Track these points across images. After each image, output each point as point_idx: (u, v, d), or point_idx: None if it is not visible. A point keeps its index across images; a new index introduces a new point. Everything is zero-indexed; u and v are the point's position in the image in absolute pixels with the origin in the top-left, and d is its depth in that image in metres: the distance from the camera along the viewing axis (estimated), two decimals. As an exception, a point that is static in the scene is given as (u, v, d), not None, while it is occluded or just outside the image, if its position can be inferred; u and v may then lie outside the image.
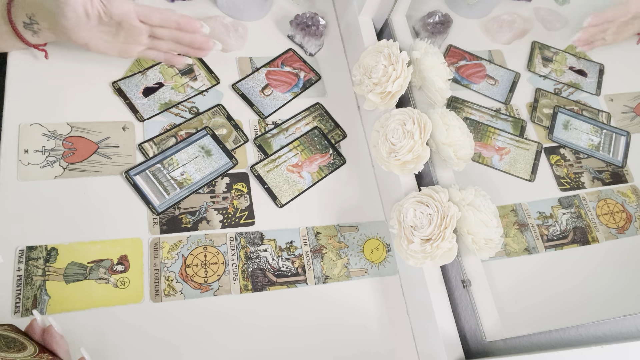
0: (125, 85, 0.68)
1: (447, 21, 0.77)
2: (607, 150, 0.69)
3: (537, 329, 0.50)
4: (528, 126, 0.72)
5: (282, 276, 0.62)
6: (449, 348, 0.56)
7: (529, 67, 0.77)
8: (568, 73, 0.77)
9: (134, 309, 0.56)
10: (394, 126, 0.62)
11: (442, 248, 0.54)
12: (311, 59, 0.80)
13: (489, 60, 0.78)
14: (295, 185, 0.68)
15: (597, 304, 0.56)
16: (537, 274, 0.62)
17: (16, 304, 0.53)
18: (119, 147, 0.64)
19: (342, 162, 0.72)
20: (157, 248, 0.59)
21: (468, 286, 0.58)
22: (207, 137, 0.68)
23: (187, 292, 0.58)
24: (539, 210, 0.65)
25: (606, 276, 0.60)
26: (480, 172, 0.68)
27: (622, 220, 0.64)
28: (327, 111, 0.76)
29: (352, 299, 0.63)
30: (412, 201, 0.58)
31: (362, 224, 0.69)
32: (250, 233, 0.64)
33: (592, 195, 0.66)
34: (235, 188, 0.66)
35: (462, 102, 0.73)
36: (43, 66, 0.66)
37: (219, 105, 0.71)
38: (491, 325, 0.56)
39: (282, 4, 0.85)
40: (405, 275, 0.65)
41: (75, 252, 0.57)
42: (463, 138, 0.60)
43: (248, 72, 0.75)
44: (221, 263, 0.61)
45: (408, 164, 0.61)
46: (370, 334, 0.62)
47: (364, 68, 0.68)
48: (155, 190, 0.62)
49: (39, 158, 0.60)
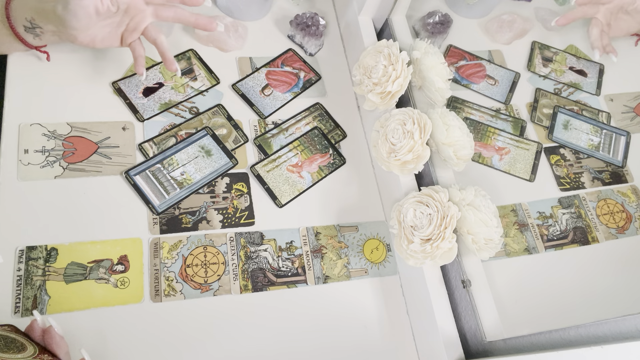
0: (125, 85, 0.68)
1: (447, 21, 0.77)
2: (607, 150, 0.69)
3: (537, 329, 0.50)
4: (528, 126, 0.72)
5: (282, 276, 0.62)
6: (449, 348, 0.56)
7: (529, 67, 0.77)
8: (568, 73, 0.77)
9: (134, 309, 0.56)
10: (394, 126, 0.62)
11: (442, 248, 0.54)
12: (311, 59, 0.80)
13: (489, 60, 0.78)
14: (295, 185, 0.68)
15: (597, 304, 0.56)
16: (537, 274, 0.62)
17: (16, 304, 0.53)
18: (119, 147, 0.64)
19: (342, 162, 0.72)
20: (157, 248, 0.59)
21: (468, 286, 0.58)
22: (207, 137, 0.68)
23: (187, 292, 0.58)
24: (539, 210, 0.65)
25: (606, 276, 0.60)
26: (480, 172, 0.68)
27: (622, 220, 0.64)
28: (327, 111, 0.76)
29: (352, 299, 0.63)
30: (412, 201, 0.58)
31: (362, 224, 0.69)
32: (250, 233, 0.64)
33: (592, 195, 0.66)
34: (235, 188, 0.66)
35: (462, 102, 0.73)
36: (43, 66, 0.66)
37: (219, 105, 0.71)
38: (491, 325, 0.56)
39: (282, 4, 0.85)
40: (405, 275, 0.65)
41: (75, 252, 0.57)
42: (463, 138, 0.60)
43: (248, 72, 0.75)
44: (221, 263, 0.61)
45: (408, 164, 0.61)
46: (370, 334, 0.62)
47: (364, 68, 0.68)
48: (155, 190, 0.62)
49: (39, 158, 0.60)
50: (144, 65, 0.62)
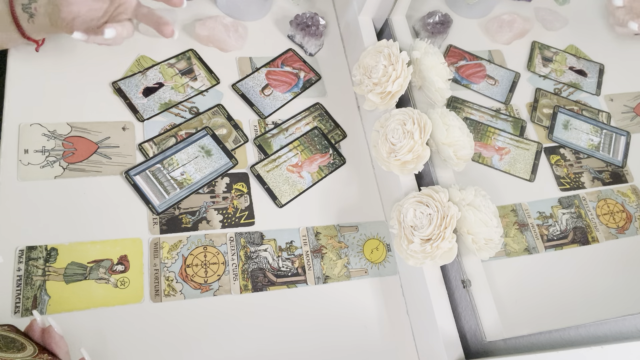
0: (125, 85, 0.68)
1: (447, 21, 0.77)
2: (607, 150, 0.69)
3: (537, 329, 0.50)
4: (528, 126, 0.72)
5: (282, 276, 0.62)
6: (449, 348, 0.56)
7: (529, 67, 0.77)
8: (568, 73, 0.77)
9: (134, 309, 0.56)
10: (394, 126, 0.62)
11: (442, 248, 0.54)
12: (311, 59, 0.80)
13: (489, 60, 0.78)
14: (295, 185, 0.68)
15: (597, 304, 0.56)
16: (537, 274, 0.62)
17: (16, 304, 0.53)
18: (119, 147, 0.64)
19: (342, 162, 0.72)
20: (157, 248, 0.59)
21: (468, 286, 0.58)
22: (207, 137, 0.68)
23: (187, 292, 0.58)
24: (539, 210, 0.65)
25: (606, 276, 0.60)
26: (480, 172, 0.68)
27: (622, 220, 0.64)
28: (327, 111, 0.76)
29: (352, 299, 0.63)
30: (412, 201, 0.58)
31: (362, 224, 0.69)
32: (250, 233, 0.64)
33: (592, 195, 0.66)
34: (235, 188, 0.66)
35: (462, 102, 0.73)
36: (43, 66, 0.66)
37: (219, 105, 0.71)
38: (491, 325, 0.56)
39: (282, 4, 0.85)
40: (405, 275, 0.65)
41: (75, 252, 0.57)
42: (463, 138, 0.60)
43: (248, 72, 0.75)
44: (221, 263, 0.61)
45: (408, 164, 0.61)
46: (370, 334, 0.62)
47: (364, 68, 0.68)
48: (155, 190, 0.62)
49: (39, 158, 0.60)
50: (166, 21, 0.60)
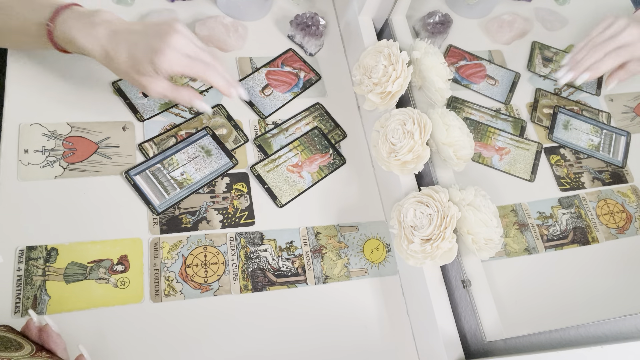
0: (125, 85, 0.68)
1: (447, 21, 0.77)
2: (607, 150, 0.69)
3: (537, 329, 0.50)
4: (528, 126, 0.72)
5: (282, 276, 0.62)
6: (449, 348, 0.56)
7: (529, 67, 0.77)
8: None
9: (134, 309, 0.56)
10: (394, 126, 0.62)
11: (442, 248, 0.54)
12: (311, 59, 0.80)
13: (489, 60, 0.78)
14: (295, 185, 0.68)
15: (597, 304, 0.56)
16: (537, 274, 0.62)
17: (16, 304, 0.53)
18: (119, 147, 0.64)
19: (342, 162, 0.72)
20: (157, 248, 0.59)
21: (468, 286, 0.58)
22: (207, 137, 0.68)
23: (187, 292, 0.58)
24: (539, 210, 0.65)
25: (606, 276, 0.60)
26: (480, 172, 0.68)
27: (622, 220, 0.64)
28: (327, 111, 0.76)
29: (352, 299, 0.63)
30: (412, 201, 0.58)
31: (362, 224, 0.69)
32: (250, 233, 0.64)
33: (592, 196, 0.66)
34: (235, 188, 0.66)
35: (462, 102, 0.73)
36: (43, 66, 0.66)
37: (219, 105, 0.71)
38: (491, 325, 0.56)
39: (282, 4, 0.85)
40: (405, 275, 0.65)
41: (75, 252, 0.57)
42: (463, 138, 0.60)
43: (248, 72, 0.75)
44: (221, 263, 0.61)
45: (408, 164, 0.61)
46: (370, 334, 0.62)
47: (364, 68, 0.68)
48: (155, 190, 0.62)
49: (39, 158, 0.60)
50: (199, 96, 0.61)
